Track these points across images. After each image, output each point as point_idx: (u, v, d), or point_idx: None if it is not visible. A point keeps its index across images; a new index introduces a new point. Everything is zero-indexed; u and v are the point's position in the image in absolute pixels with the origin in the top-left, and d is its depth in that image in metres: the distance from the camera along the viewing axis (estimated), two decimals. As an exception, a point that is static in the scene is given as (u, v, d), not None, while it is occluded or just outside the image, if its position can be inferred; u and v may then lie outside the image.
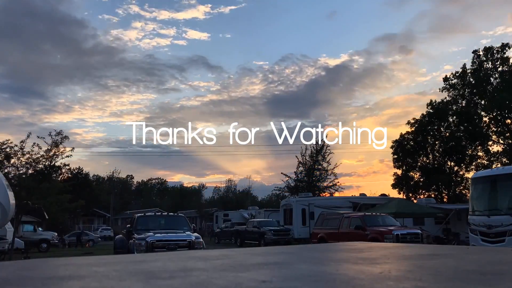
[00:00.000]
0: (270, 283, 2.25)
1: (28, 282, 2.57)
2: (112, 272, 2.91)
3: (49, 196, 24.19)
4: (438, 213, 25.48)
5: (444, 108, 39.24)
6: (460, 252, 4.16)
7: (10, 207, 13.85)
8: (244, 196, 66.85)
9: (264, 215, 35.55)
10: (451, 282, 2.27)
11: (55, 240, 31.03)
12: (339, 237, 17.71)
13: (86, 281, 2.55)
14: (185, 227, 14.32)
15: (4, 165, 21.82)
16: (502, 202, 13.14)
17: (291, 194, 38.01)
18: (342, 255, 4.01)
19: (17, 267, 3.77)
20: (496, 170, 15.85)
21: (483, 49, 38.28)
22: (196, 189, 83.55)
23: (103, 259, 4.18)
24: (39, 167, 22.45)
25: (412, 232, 17.32)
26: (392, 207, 23.86)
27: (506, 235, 12.20)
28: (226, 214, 43.99)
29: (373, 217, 18.97)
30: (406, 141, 40.61)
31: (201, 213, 59.45)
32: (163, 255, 4.96)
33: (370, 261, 3.31)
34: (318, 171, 40.58)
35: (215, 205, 62.13)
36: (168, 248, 11.98)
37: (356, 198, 29.58)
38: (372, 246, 5.08)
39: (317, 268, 2.99)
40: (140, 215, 15.80)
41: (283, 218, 29.65)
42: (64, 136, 22.61)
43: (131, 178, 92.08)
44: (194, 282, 2.38)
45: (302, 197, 30.06)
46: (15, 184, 20.26)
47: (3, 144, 21.81)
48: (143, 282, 2.43)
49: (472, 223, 13.58)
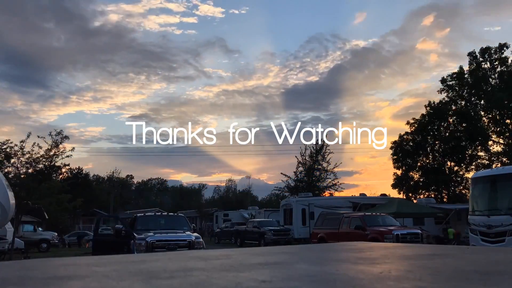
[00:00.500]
0: (270, 283, 2.26)
1: (28, 282, 2.57)
2: (112, 272, 2.91)
3: (49, 196, 24.19)
4: (438, 213, 25.50)
5: (443, 108, 39.28)
6: (460, 252, 4.16)
7: (10, 207, 13.85)
8: (244, 196, 66.93)
9: (264, 215, 35.55)
10: (451, 282, 2.27)
11: (55, 240, 31.03)
12: (339, 237, 17.71)
13: (86, 281, 2.55)
14: (185, 227, 14.33)
15: (4, 165, 21.82)
16: (502, 202, 13.15)
17: (291, 194, 38.02)
18: (342, 255, 4.01)
19: (17, 267, 3.77)
20: (496, 170, 15.86)
21: (480, 50, 38.36)
22: (196, 189, 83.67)
23: (103, 259, 4.18)
24: (39, 167, 22.45)
25: (412, 232, 17.33)
26: (392, 207, 23.88)
27: (506, 235, 12.20)
28: (226, 214, 44.00)
29: (373, 217, 18.97)
30: (405, 142, 40.64)
31: (201, 213, 59.48)
32: (163, 255, 4.96)
33: (370, 261, 3.31)
34: (318, 171, 40.60)
35: (215, 205, 62.17)
36: (168, 248, 11.98)
37: (356, 198, 29.58)
38: (372, 246, 5.08)
39: (317, 268, 2.99)
40: (140, 215, 15.80)
41: (283, 218, 29.65)
42: (64, 136, 22.64)
43: (131, 178, 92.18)
44: (194, 282, 2.38)
45: (302, 197, 30.07)
46: (15, 184, 20.25)
47: (3, 144, 21.83)
48: (143, 282, 2.43)
49: (472, 223, 13.59)
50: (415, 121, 40.61)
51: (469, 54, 38.78)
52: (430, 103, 40.72)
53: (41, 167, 22.63)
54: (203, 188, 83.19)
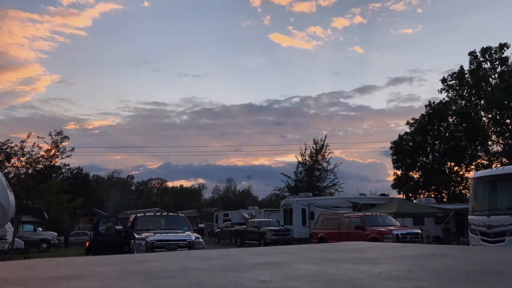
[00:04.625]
0: (270, 283, 2.25)
1: (28, 282, 2.56)
2: (112, 272, 2.91)
3: (49, 196, 24.21)
4: (438, 213, 25.48)
5: (443, 108, 39.26)
6: (460, 252, 4.16)
7: (10, 207, 13.84)
8: (244, 196, 66.88)
9: (264, 215, 35.55)
10: (451, 282, 2.27)
11: (55, 240, 31.03)
12: (339, 237, 17.72)
13: (86, 281, 2.55)
14: (185, 227, 14.32)
15: (4, 165, 21.84)
16: (502, 202, 13.13)
17: (291, 194, 38.02)
18: (342, 255, 4.01)
19: (17, 267, 3.77)
20: (496, 170, 15.82)
21: (480, 50, 38.33)
22: (196, 189, 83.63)
23: (103, 259, 4.18)
24: (39, 167, 22.47)
25: (412, 232, 17.33)
26: (392, 207, 23.86)
27: (506, 235, 12.19)
28: (226, 214, 43.98)
29: (373, 217, 18.97)
30: (405, 142, 40.62)
31: (201, 213, 59.45)
32: (163, 255, 4.96)
33: (370, 261, 3.31)
34: (318, 171, 40.60)
35: (215, 205, 62.13)
36: (168, 248, 11.98)
37: (356, 198, 29.59)
38: (372, 246, 5.08)
39: (317, 268, 2.99)
40: (140, 215, 15.80)
41: (283, 218, 29.65)
42: (64, 136, 22.67)
43: (131, 178, 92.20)
44: (194, 282, 2.38)
45: (302, 197, 30.07)
46: (15, 184, 20.27)
47: (4, 144, 21.85)
48: (143, 282, 2.43)
49: (472, 223, 13.58)
50: (415, 121, 40.59)
51: (470, 53, 38.77)
52: (430, 103, 40.71)
53: (41, 167, 22.65)
54: (203, 188, 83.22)
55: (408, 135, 40.73)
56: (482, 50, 38.16)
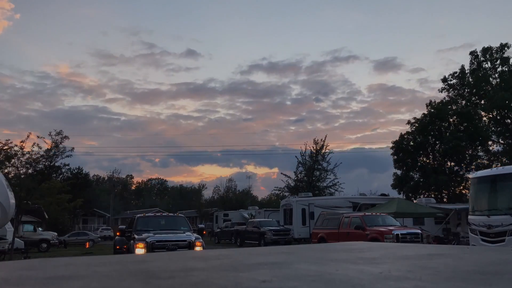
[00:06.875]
0: (270, 283, 2.25)
1: (28, 282, 2.56)
2: (112, 272, 2.91)
3: (49, 196, 24.22)
4: (438, 213, 25.47)
5: (444, 108, 39.25)
6: (460, 252, 4.16)
7: (10, 207, 13.83)
8: (244, 196, 66.85)
9: (264, 215, 35.55)
10: (451, 282, 2.27)
11: (55, 240, 31.04)
12: (339, 237, 17.72)
13: (86, 281, 2.54)
14: (185, 227, 14.31)
15: (4, 165, 21.84)
16: (502, 202, 13.13)
17: (291, 194, 38.02)
18: (342, 255, 4.00)
19: (17, 267, 3.77)
20: (496, 170, 15.82)
21: (481, 49, 38.34)
22: (196, 189, 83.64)
23: (103, 259, 4.17)
24: (39, 167, 22.47)
25: (412, 232, 17.33)
26: (392, 207, 23.85)
27: (506, 235, 12.20)
28: (226, 214, 43.97)
29: (373, 217, 18.97)
30: (406, 141, 40.60)
31: (201, 213, 59.43)
32: (163, 255, 4.96)
33: (370, 261, 3.30)
34: (318, 171, 40.61)
35: (215, 205, 62.12)
36: (168, 248, 11.97)
37: (356, 198, 29.59)
38: (372, 246, 5.07)
39: (317, 268, 2.99)
40: (140, 215, 15.80)
41: (283, 218, 29.66)
42: (64, 136, 22.66)
43: (131, 178, 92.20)
44: (194, 282, 2.38)
45: (302, 197, 30.07)
46: (15, 184, 20.27)
47: (4, 144, 21.84)
48: (143, 282, 2.43)
49: (472, 223, 13.58)
50: (415, 121, 40.57)
51: (471, 53, 38.76)
52: (431, 102, 40.68)
53: (41, 167, 22.65)
54: (203, 188, 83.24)
55: (409, 134, 40.72)
56: (483, 50, 38.18)
